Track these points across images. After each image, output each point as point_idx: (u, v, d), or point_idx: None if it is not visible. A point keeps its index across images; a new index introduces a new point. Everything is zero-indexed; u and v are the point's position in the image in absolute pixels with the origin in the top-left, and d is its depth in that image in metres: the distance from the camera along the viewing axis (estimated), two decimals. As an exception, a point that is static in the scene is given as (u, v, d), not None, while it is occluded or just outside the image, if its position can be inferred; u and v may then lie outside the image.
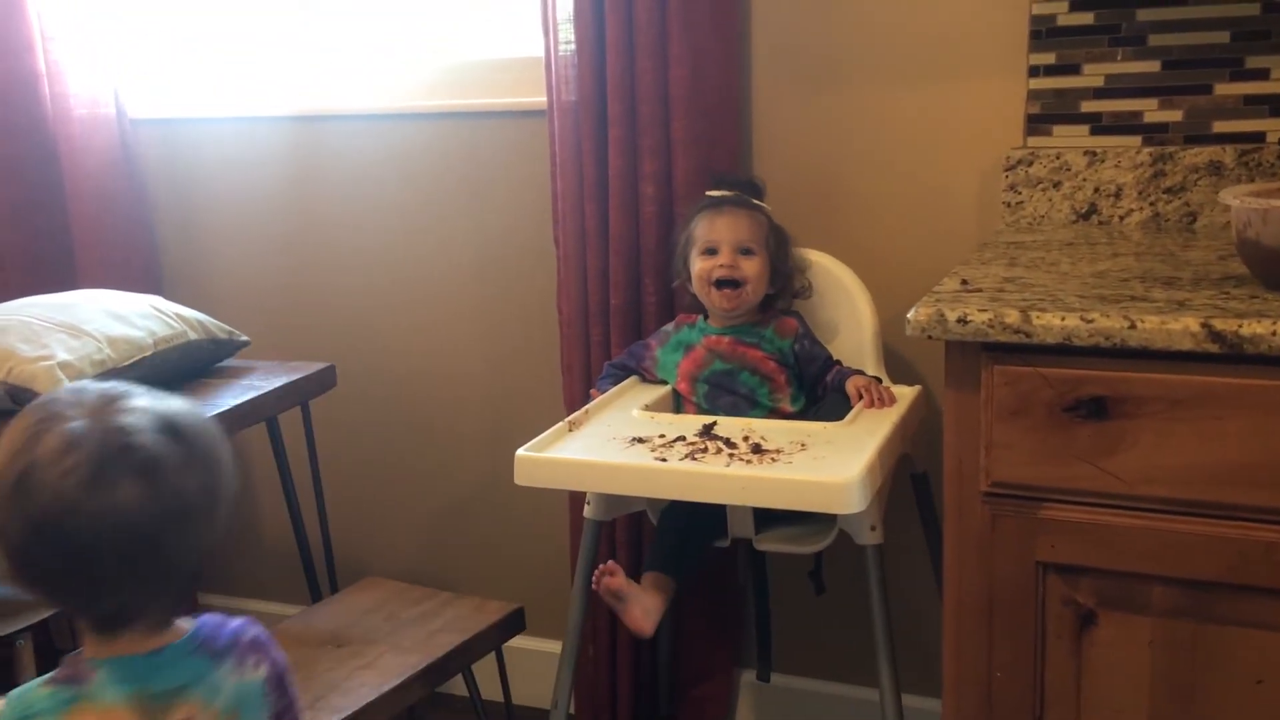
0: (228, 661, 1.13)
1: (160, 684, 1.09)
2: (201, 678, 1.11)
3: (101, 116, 2.38)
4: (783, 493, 1.50)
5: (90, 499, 1.00)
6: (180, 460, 1.05)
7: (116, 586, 1.05)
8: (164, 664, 1.09)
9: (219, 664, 1.13)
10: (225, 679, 1.12)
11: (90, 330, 1.84)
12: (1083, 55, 1.80)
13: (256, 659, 1.16)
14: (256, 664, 1.16)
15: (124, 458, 1.02)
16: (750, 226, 1.81)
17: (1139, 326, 1.24)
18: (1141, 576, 1.31)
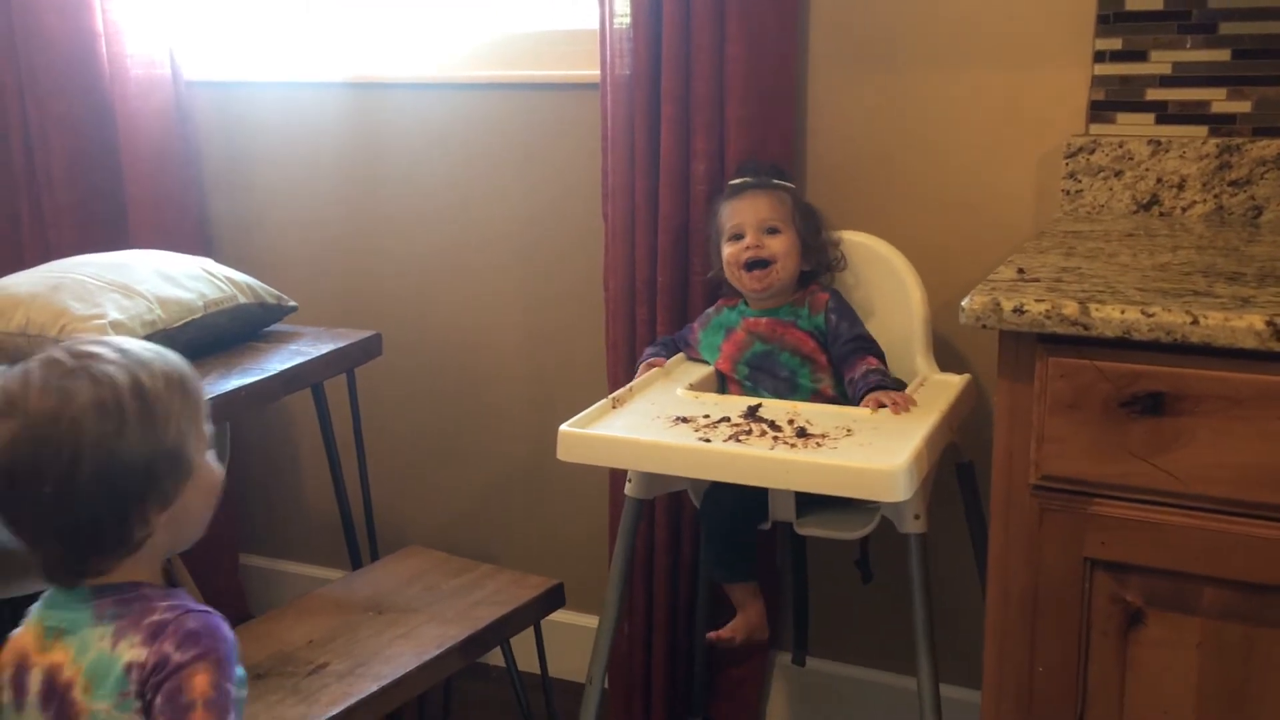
0: (108, 627, 1.08)
1: (52, 619, 1.11)
2: (79, 629, 1.09)
3: (157, 77, 2.40)
4: (828, 478, 1.48)
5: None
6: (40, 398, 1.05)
7: (17, 527, 1.08)
8: (61, 603, 1.11)
9: (97, 624, 1.08)
10: (95, 642, 1.08)
11: (142, 290, 1.85)
12: (1150, 42, 1.76)
13: (140, 640, 1.06)
14: (134, 646, 1.07)
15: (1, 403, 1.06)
16: (772, 205, 1.80)
17: (1201, 322, 1.21)
18: (1193, 577, 1.29)
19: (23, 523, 1.08)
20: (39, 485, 1.04)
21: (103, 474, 1.05)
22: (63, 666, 1.08)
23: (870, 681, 2.15)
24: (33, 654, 1.11)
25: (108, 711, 1.06)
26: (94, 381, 1.06)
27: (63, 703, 1.08)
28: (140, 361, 1.10)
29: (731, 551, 1.81)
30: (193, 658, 1.06)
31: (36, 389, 1.05)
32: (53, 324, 1.78)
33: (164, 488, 1.09)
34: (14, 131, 2.45)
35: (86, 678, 1.07)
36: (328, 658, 1.67)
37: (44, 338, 1.78)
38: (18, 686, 1.12)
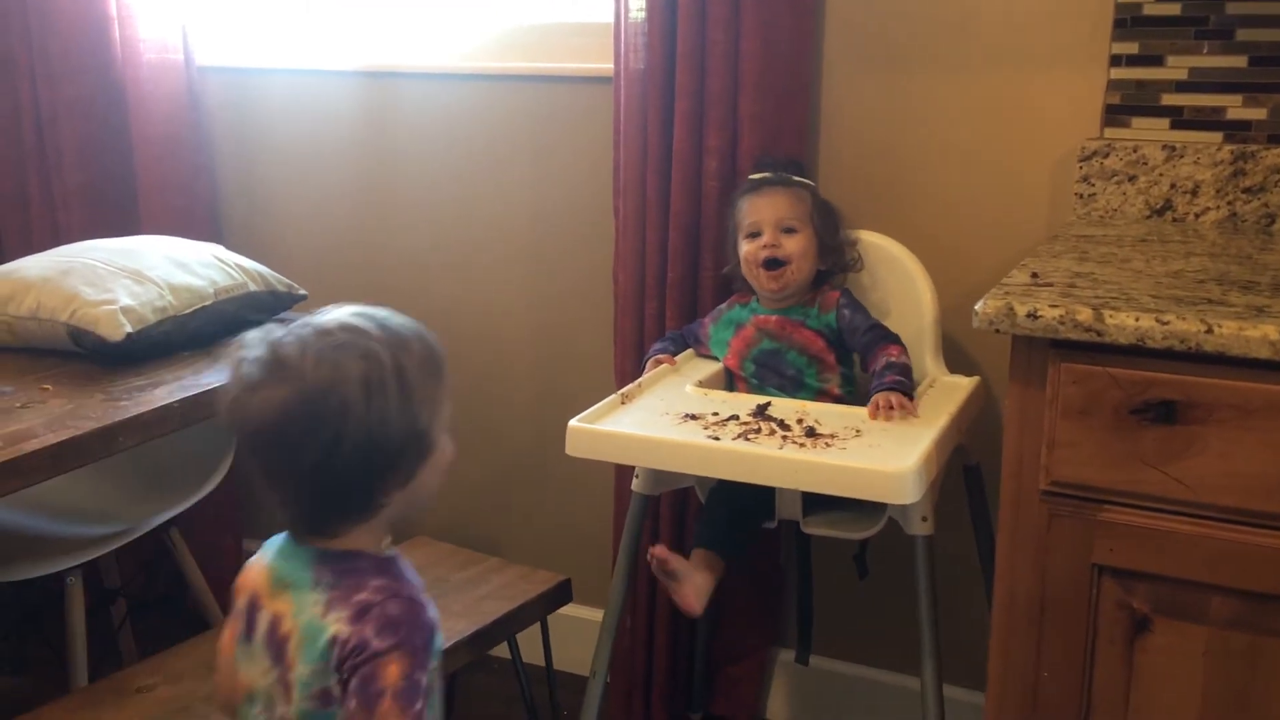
0: (322, 595, 1.13)
1: (281, 570, 1.17)
2: (300, 589, 1.14)
3: (170, 62, 2.39)
4: (836, 479, 1.48)
5: (248, 402, 1.12)
6: (315, 368, 1.10)
7: (272, 483, 1.15)
8: (292, 558, 1.17)
9: (314, 589, 1.14)
10: (310, 606, 1.13)
11: (153, 276, 1.85)
12: (1167, 46, 1.75)
13: (346, 616, 1.11)
14: (340, 621, 1.11)
15: (276, 366, 1.11)
16: (790, 204, 1.79)
17: (1216, 332, 1.21)
18: (1200, 585, 1.29)
19: (278, 480, 1.15)
20: (303, 451, 1.10)
21: (361, 448, 1.10)
22: (284, 618, 1.14)
23: (871, 680, 2.16)
24: (264, 597, 1.17)
25: (311, 675, 1.12)
26: (364, 358, 1.11)
27: (281, 653, 1.14)
28: (402, 341, 1.15)
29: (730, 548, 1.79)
30: (389, 646, 1.10)
31: (312, 358, 1.10)
32: (63, 308, 1.78)
33: (409, 465, 1.15)
34: (25, 113, 2.45)
35: (300, 636, 1.13)
36: (334, 647, 1.67)
37: (54, 322, 1.79)
38: (249, 621, 1.18)
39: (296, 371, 1.10)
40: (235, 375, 1.14)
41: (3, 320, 1.83)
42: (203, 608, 2.24)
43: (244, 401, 1.12)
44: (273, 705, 1.16)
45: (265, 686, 1.16)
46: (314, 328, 1.13)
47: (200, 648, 1.71)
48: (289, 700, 1.14)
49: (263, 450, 1.13)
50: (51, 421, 1.56)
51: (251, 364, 1.13)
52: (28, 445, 1.48)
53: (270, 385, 1.10)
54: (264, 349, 1.13)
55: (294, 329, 1.14)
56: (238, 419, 1.13)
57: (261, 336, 1.15)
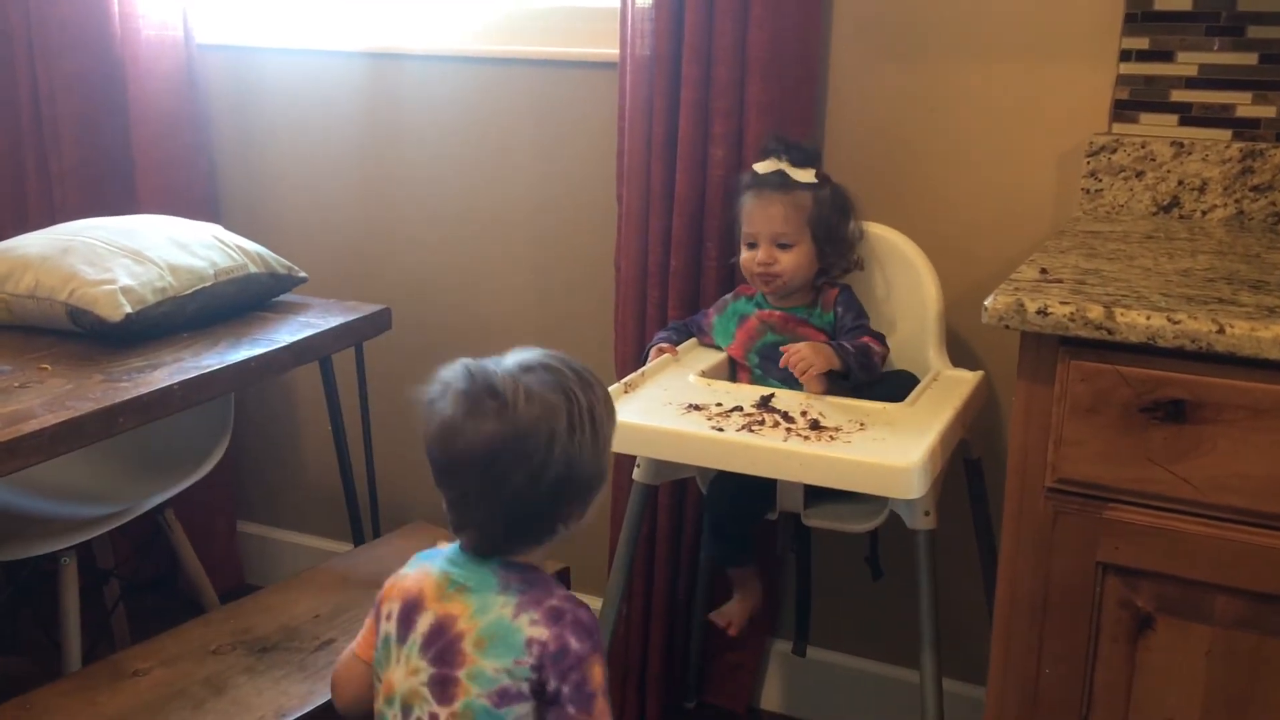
0: (511, 598, 1.21)
1: (458, 575, 1.24)
2: (482, 591, 1.22)
3: (169, 39, 2.37)
4: (841, 473, 1.48)
5: (458, 430, 1.20)
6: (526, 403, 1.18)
7: (465, 505, 1.22)
8: (472, 565, 1.24)
9: (501, 592, 1.21)
10: (496, 607, 1.20)
11: (153, 257, 1.83)
12: (1177, 43, 1.75)
13: (540, 619, 1.19)
14: (535, 623, 1.19)
15: (487, 398, 1.19)
16: (787, 215, 1.75)
17: (1227, 331, 1.21)
18: (1205, 585, 1.29)
19: (473, 503, 1.22)
20: (509, 480, 1.18)
21: (557, 484, 1.19)
22: (457, 618, 1.21)
23: (868, 672, 2.16)
24: (429, 600, 1.23)
25: (496, 671, 1.19)
26: (568, 400, 1.20)
27: (449, 650, 1.21)
28: (589, 383, 1.25)
29: (734, 538, 1.82)
30: (589, 650, 1.20)
31: (524, 394, 1.19)
32: (62, 287, 1.77)
33: (588, 499, 1.25)
34: (22, 89, 2.43)
35: (482, 635, 1.20)
36: (334, 633, 1.67)
37: (53, 301, 1.77)
38: (405, 623, 1.24)
39: (509, 405, 1.18)
40: (444, 403, 1.21)
41: (0, 299, 1.81)
42: (196, 589, 2.23)
43: (456, 429, 1.19)
44: (413, 705, 1.21)
45: (412, 686, 1.22)
46: (517, 365, 1.23)
47: (195, 631, 1.70)
48: (449, 697, 1.19)
49: (469, 476, 1.20)
50: (50, 402, 1.54)
51: (462, 395, 1.20)
52: (27, 426, 1.47)
53: (484, 416, 1.18)
54: (472, 381, 1.21)
55: (492, 362, 1.23)
56: (447, 446, 1.20)
57: (459, 368, 1.23)
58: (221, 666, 1.60)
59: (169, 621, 1.80)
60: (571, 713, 1.19)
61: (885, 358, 1.77)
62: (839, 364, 1.69)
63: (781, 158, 1.78)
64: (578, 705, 1.19)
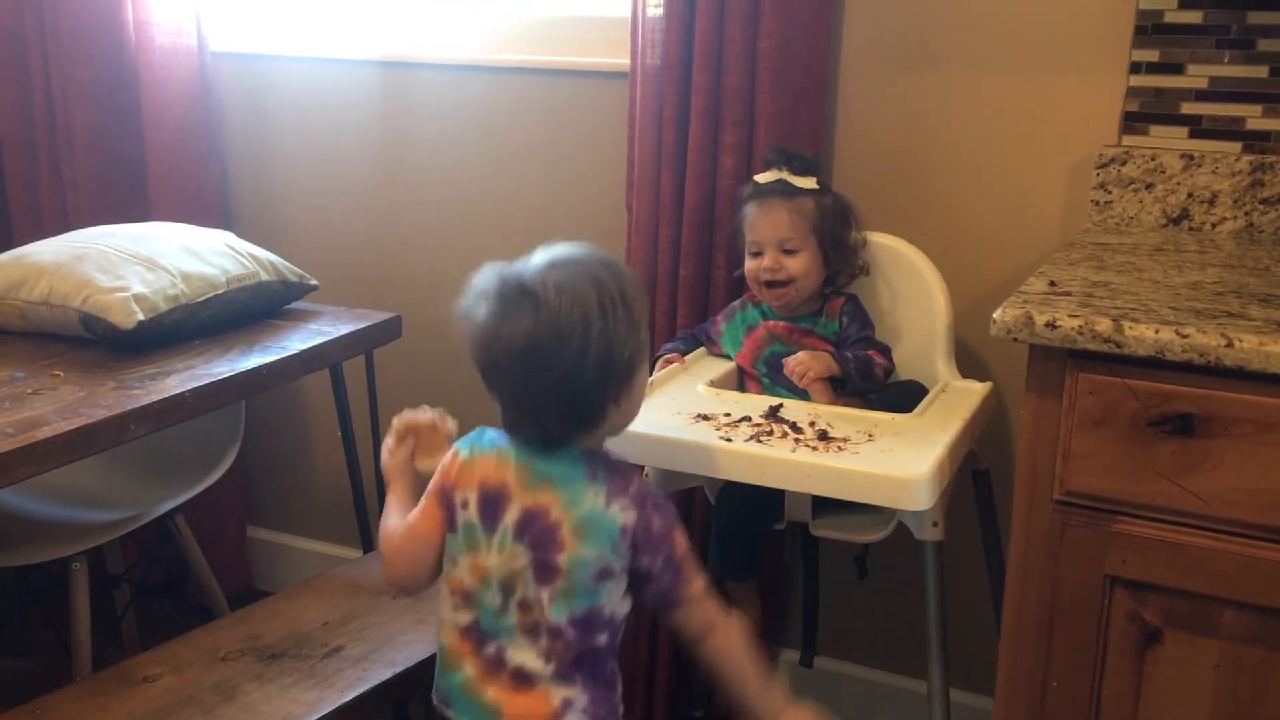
0: (600, 487, 1.30)
1: (541, 466, 1.32)
2: (571, 483, 1.31)
3: (183, 47, 2.38)
4: (849, 483, 1.48)
5: (497, 332, 1.28)
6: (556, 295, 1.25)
7: (517, 402, 1.30)
8: (552, 457, 1.32)
9: (590, 483, 1.30)
10: (588, 498, 1.30)
11: (166, 264, 1.84)
12: (1188, 55, 1.75)
13: (624, 504, 1.30)
14: (625, 508, 1.30)
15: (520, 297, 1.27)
16: (791, 221, 1.76)
17: (1236, 346, 1.21)
18: (1213, 599, 1.29)
19: (524, 398, 1.29)
20: (551, 370, 1.25)
21: (600, 363, 1.26)
22: (549, 508, 1.30)
23: (875, 682, 2.16)
24: (514, 489, 1.32)
25: (595, 555, 1.29)
26: (597, 285, 1.27)
27: (546, 537, 1.30)
28: (618, 268, 1.31)
29: (741, 548, 1.82)
30: (670, 525, 1.32)
31: (553, 286, 1.26)
32: (76, 294, 1.78)
33: (631, 377, 1.32)
34: (36, 94, 2.44)
35: (579, 524, 1.29)
36: (342, 641, 1.67)
37: (66, 308, 1.78)
38: (490, 512, 1.33)
39: (542, 300, 1.25)
40: (480, 309, 1.29)
41: (14, 305, 1.82)
42: (205, 594, 2.24)
43: (494, 332, 1.27)
44: (515, 587, 1.31)
45: (512, 570, 1.31)
46: (543, 261, 1.30)
47: (205, 637, 1.71)
48: (551, 580, 1.29)
49: (515, 373, 1.27)
50: (63, 409, 1.55)
51: (495, 297, 1.28)
52: (40, 433, 1.47)
53: (520, 314, 1.26)
54: (502, 282, 1.29)
55: (520, 264, 1.30)
56: (490, 348, 1.28)
57: (490, 273, 1.31)
58: (231, 673, 1.61)
59: (178, 626, 1.81)
60: (668, 581, 1.32)
61: (889, 370, 1.77)
62: (838, 370, 1.70)
63: (782, 168, 1.79)
64: (672, 574, 1.32)
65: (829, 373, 1.70)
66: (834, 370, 1.71)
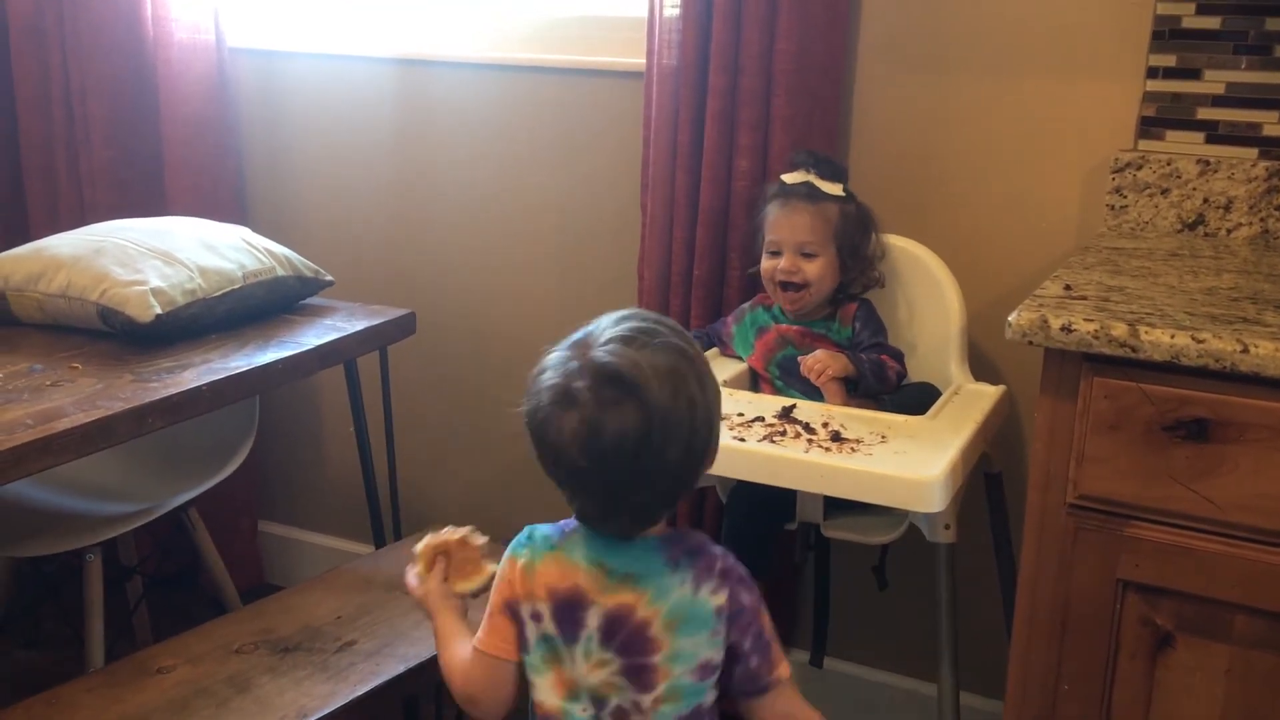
0: (685, 574, 1.21)
1: (616, 563, 1.21)
2: (653, 576, 1.21)
3: (201, 43, 2.39)
4: (862, 485, 1.48)
5: (598, 432, 1.15)
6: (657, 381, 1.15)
7: (613, 496, 1.19)
8: (625, 550, 1.22)
9: (674, 572, 1.21)
10: (675, 588, 1.20)
11: (183, 259, 1.85)
12: (1205, 60, 1.75)
13: (716, 585, 1.21)
14: (714, 590, 1.21)
15: (616, 390, 1.15)
16: (813, 225, 1.76)
17: (1252, 351, 1.21)
18: (1226, 604, 1.29)
19: (629, 492, 1.18)
20: (664, 460, 1.16)
21: (705, 440, 1.19)
22: (634, 607, 1.20)
23: (885, 684, 2.16)
24: (591, 593, 1.21)
25: (695, 647, 1.20)
26: (685, 358, 1.19)
27: (636, 638, 1.20)
28: (686, 335, 1.23)
29: (752, 548, 1.82)
30: (757, 599, 1.24)
31: (651, 373, 1.15)
32: (93, 288, 1.79)
33: (710, 458, 1.24)
34: (55, 89, 2.45)
35: (671, 618, 1.20)
36: (355, 635, 1.68)
37: (84, 301, 1.79)
38: (570, 621, 1.22)
39: (644, 389, 1.14)
40: (568, 404, 1.16)
41: (33, 297, 1.84)
42: (217, 587, 2.25)
43: (598, 428, 1.15)
44: (608, 697, 1.22)
45: (601, 679, 1.21)
46: (622, 343, 1.18)
47: (218, 630, 1.72)
48: (649, 684, 1.20)
49: (618, 470, 1.16)
50: (81, 401, 1.57)
51: (588, 391, 1.16)
52: (58, 425, 1.49)
53: (623, 409, 1.14)
54: (594, 376, 1.16)
55: (596, 347, 1.18)
56: (587, 446, 1.15)
57: (570, 361, 1.19)
58: (244, 666, 1.62)
59: (190, 618, 1.82)
60: (755, 663, 1.23)
61: (901, 375, 1.78)
62: (854, 371, 1.71)
63: (810, 170, 1.79)
64: (760, 655, 1.23)
65: (845, 373, 1.71)
66: (850, 371, 1.71)
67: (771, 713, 1.25)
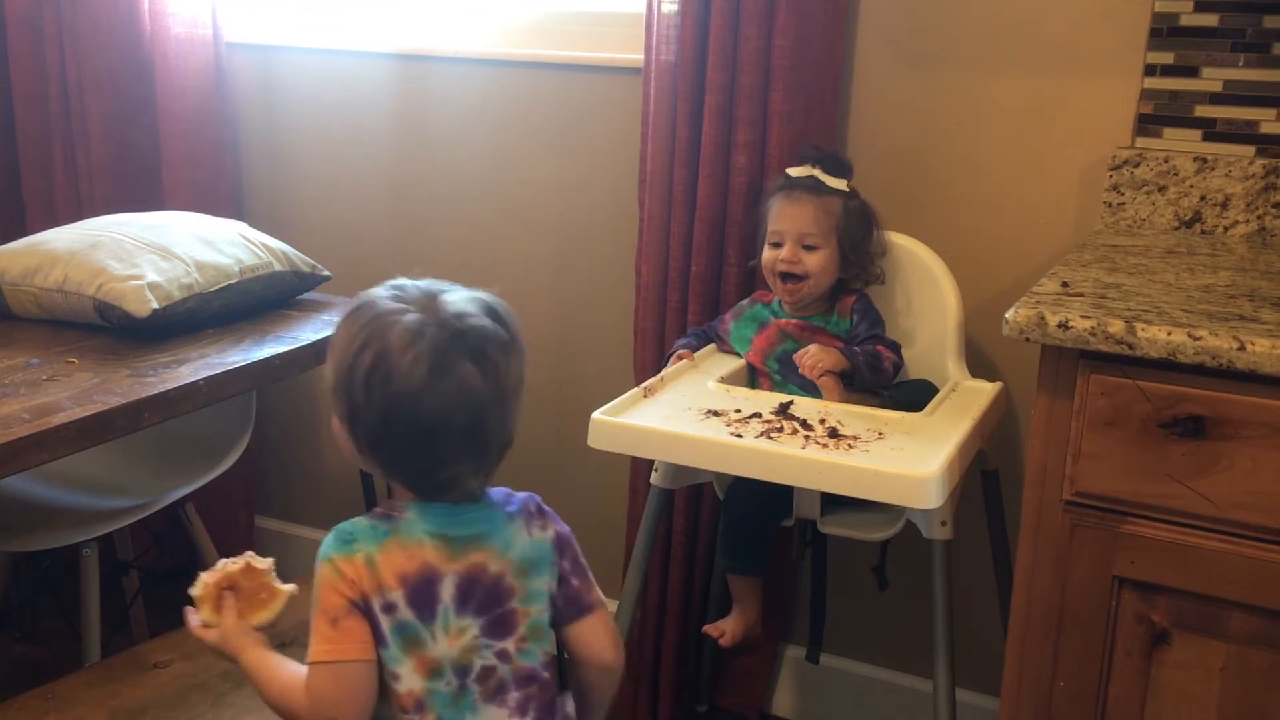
0: (518, 521, 1.24)
1: (459, 529, 1.21)
2: (496, 531, 1.23)
3: (198, 37, 2.39)
4: (859, 481, 1.48)
5: (438, 382, 1.15)
6: (503, 342, 1.20)
7: (453, 459, 1.19)
8: (463, 514, 1.22)
9: (510, 522, 1.24)
10: (517, 535, 1.23)
11: (180, 254, 1.85)
12: (1203, 58, 1.75)
13: (542, 523, 1.26)
14: (543, 526, 1.25)
15: (460, 343, 1.17)
16: (816, 217, 1.77)
17: (1248, 349, 1.21)
18: (1221, 601, 1.29)
19: (480, 448, 1.21)
20: (510, 412, 1.22)
21: (517, 409, 1.24)
22: (486, 564, 1.21)
23: (881, 680, 2.17)
24: (441, 566, 1.20)
25: (544, 586, 1.23)
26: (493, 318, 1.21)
27: (494, 591, 1.21)
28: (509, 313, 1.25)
29: (748, 544, 1.82)
30: (566, 527, 1.28)
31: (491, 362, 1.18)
32: (90, 282, 1.79)
33: None
34: (53, 84, 2.45)
35: (522, 563, 1.23)
36: (351, 630, 1.68)
37: (81, 295, 1.79)
38: (424, 601, 1.19)
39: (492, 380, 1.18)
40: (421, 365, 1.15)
41: (30, 292, 1.83)
42: (215, 583, 2.25)
43: (433, 390, 1.15)
44: (472, 662, 1.20)
45: (462, 646, 1.20)
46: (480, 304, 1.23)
47: (216, 625, 1.71)
48: (512, 629, 1.21)
49: (475, 425, 1.18)
50: (78, 395, 1.56)
51: (431, 353, 1.16)
52: (54, 419, 1.48)
53: (468, 370, 1.16)
54: (442, 335, 1.17)
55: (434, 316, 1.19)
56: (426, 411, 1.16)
57: (415, 325, 1.17)
58: (240, 660, 1.61)
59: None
60: (577, 583, 1.26)
61: (898, 366, 1.78)
62: (847, 365, 1.71)
63: (816, 165, 1.80)
64: (579, 576, 1.27)
65: (839, 367, 1.71)
66: (844, 365, 1.71)
67: (594, 636, 1.27)
